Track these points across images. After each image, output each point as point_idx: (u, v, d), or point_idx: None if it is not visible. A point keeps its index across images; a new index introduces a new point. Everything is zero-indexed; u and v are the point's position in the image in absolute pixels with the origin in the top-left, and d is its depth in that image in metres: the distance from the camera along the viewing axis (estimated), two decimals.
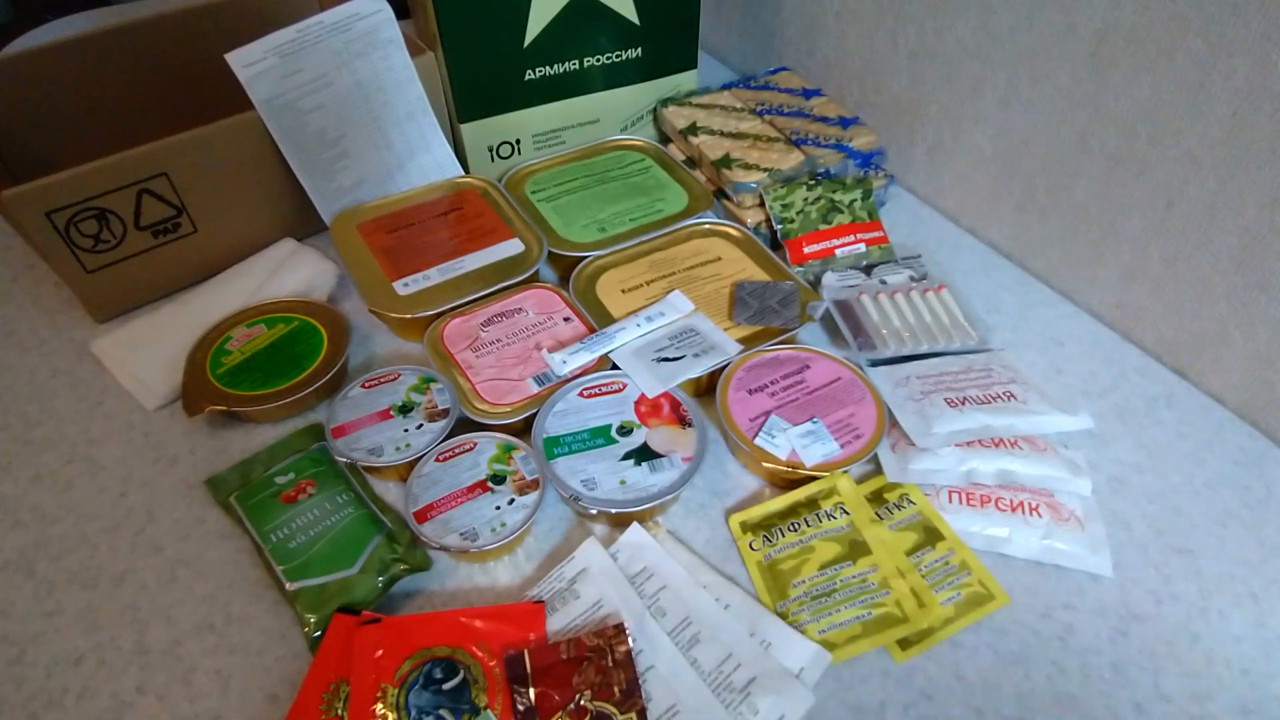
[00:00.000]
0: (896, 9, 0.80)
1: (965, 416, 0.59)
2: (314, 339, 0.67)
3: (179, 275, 0.74)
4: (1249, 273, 0.60)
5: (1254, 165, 0.57)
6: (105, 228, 0.67)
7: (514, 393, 0.62)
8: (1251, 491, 0.60)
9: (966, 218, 0.83)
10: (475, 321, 0.68)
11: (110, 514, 0.59)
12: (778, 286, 0.69)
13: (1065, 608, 0.53)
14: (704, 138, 0.82)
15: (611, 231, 0.76)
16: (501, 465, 0.57)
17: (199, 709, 0.49)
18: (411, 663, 0.48)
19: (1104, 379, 0.68)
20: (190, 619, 0.53)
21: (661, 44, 0.85)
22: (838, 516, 0.56)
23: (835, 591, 0.53)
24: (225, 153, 0.70)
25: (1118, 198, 0.67)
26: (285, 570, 0.53)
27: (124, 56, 0.80)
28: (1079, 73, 0.66)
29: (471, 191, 0.80)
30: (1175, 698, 0.49)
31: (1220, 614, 0.53)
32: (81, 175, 0.64)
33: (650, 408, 0.61)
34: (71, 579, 0.55)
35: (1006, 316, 0.73)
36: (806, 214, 0.76)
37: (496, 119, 0.82)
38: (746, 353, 0.64)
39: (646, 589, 0.53)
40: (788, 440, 0.58)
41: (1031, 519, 0.56)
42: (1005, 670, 0.50)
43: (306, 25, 0.69)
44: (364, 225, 0.75)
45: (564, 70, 0.82)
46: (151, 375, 0.66)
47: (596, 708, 0.47)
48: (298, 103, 0.71)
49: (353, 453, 0.58)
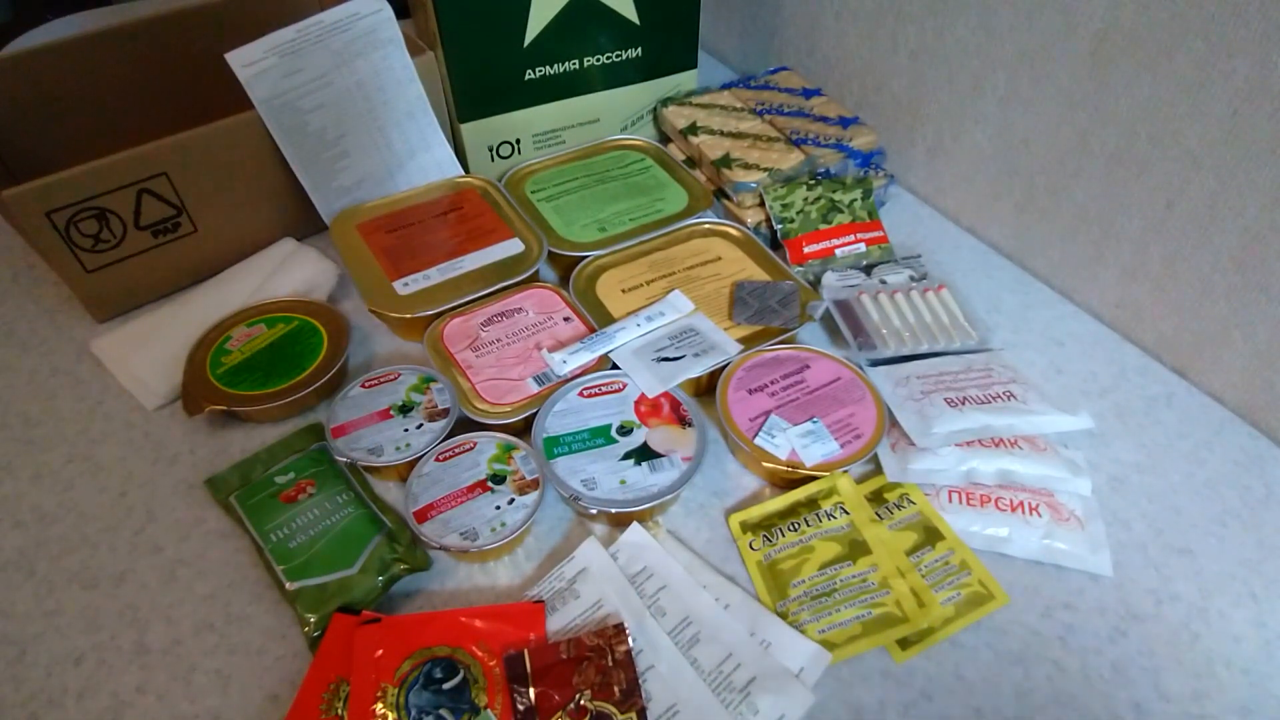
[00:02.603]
0: (896, 9, 0.80)
1: (965, 416, 0.59)
2: (314, 339, 0.67)
3: (179, 275, 0.75)
4: (1249, 273, 0.61)
5: (1254, 165, 0.57)
6: (105, 227, 0.67)
7: (514, 392, 0.62)
8: (1251, 491, 0.60)
9: (966, 218, 0.83)
10: (475, 321, 0.68)
11: (110, 514, 0.59)
12: (778, 286, 0.69)
13: (1065, 608, 0.53)
14: (704, 137, 0.82)
15: (611, 231, 0.76)
16: (501, 465, 0.57)
17: (199, 709, 0.49)
18: (411, 662, 0.48)
19: (1104, 379, 0.68)
20: (190, 619, 0.53)
21: (661, 44, 0.85)
22: (838, 516, 0.56)
23: (835, 591, 0.53)
24: (225, 153, 0.70)
25: (1118, 198, 0.67)
26: (285, 570, 0.53)
27: (124, 56, 0.80)
28: (1079, 73, 0.66)
29: (471, 191, 0.80)
30: (1175, 698, 0.49)
31: (1220, 614, 0.53)
32: (81, 175, 0.64)
33: (650, 407, 0.61)
34: (71, 579, 0.55)
35: (1006, 316, 0.73)
36: (806, 214, 0.76)
37: (496, 119, 0.82)
38: (746, 352, 0.64)
39: (646, 589, 0.53)
40: (788, 440, 0.58)
41: (1031, 519, 0.56)
42: (1005, 670, 0.50)
43: (306, 25, 0.69)
44: (364, 225, 0.75)
45: (564, 70, 0.82)
46: (151, 375, 0.66)
47: (596, 707, 0.47)
48: (298, 102, 0.71)
49: (353, 453, 0.58)
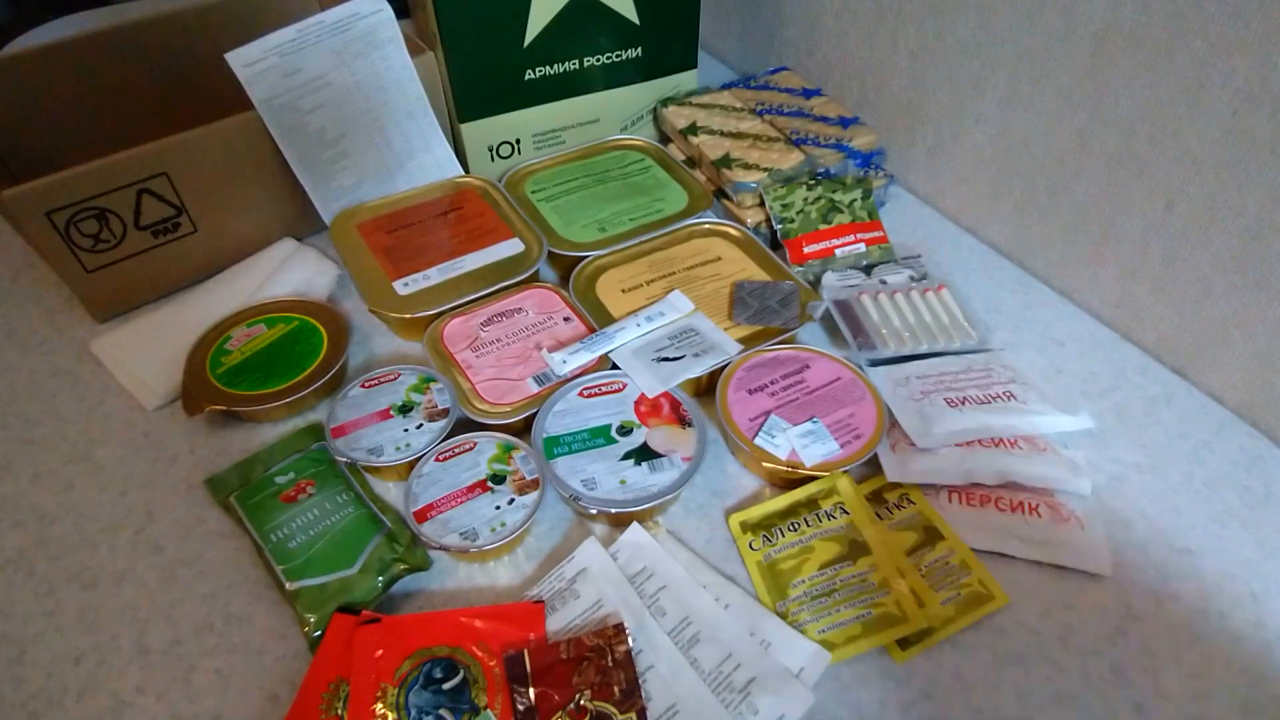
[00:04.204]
0: (896, 9, 0.80)
1: (965, 416, 0.59)
2: (314, 339, 0.67)
3: (179, 275, 0.75)
4: (1249, 273, 0.60)
5: (1254, 165, 0.57)
6: (105, 227, 0.67)
7: (514, 392, 0.62)
8: (1251, 491, 0.60)
9: (966, 218, 0.83)
10: (475, 321, 0.68)
11: (110, 514, 0.59)
12: (778, 286, 0.69)
13: (1065, 608, 0.53)
14: (704, 138, 0.82)
15: (611, 231, 0.76)
16: (501, 465, 0.57)
17: (199, 709, 0.49)
18: (411, 662, 0.48)
19: (1104, 379, 0.68)
20: (190, 619, 0.53)
21: (661, 43, 0.85)
22: (837, 516, 0.56)
23: (835, 591, 0.53)
24: (225, 153, 0.70)
25: (1117, 198, 0.67)
26: (285, 570, 0.53)
27: (124, 56, 0.80)
28: (1079, 73, 0.66)
29: (471, 191, 0.80)
30: (1175, 698, 0.49)
31: (1220, 614, 0.53)
32: (81, 175, 0.64)
33: (650, 407, 0.61)
34: (71, 579, 0.55)
35: (1006, 316, 0.73)
36: (806, 214, 0.76)
37: (496, 119, 0.82)
38: (746, 353, 0.64)
39: (646, 589, 0.53)
40: (788, 440, 0.58)
41: (1031, 519, 0.56)
42: (1005, 670, 0.50)
43: (306, 25, 0.69)
44: (364, 225, 0.75)
45: (564, 70, 0.82)
46: (151, 375, 0.66)
47: (596, 708, 0.47)
48: (297, 102, 0.71)
49: (353, 452, 0.58)
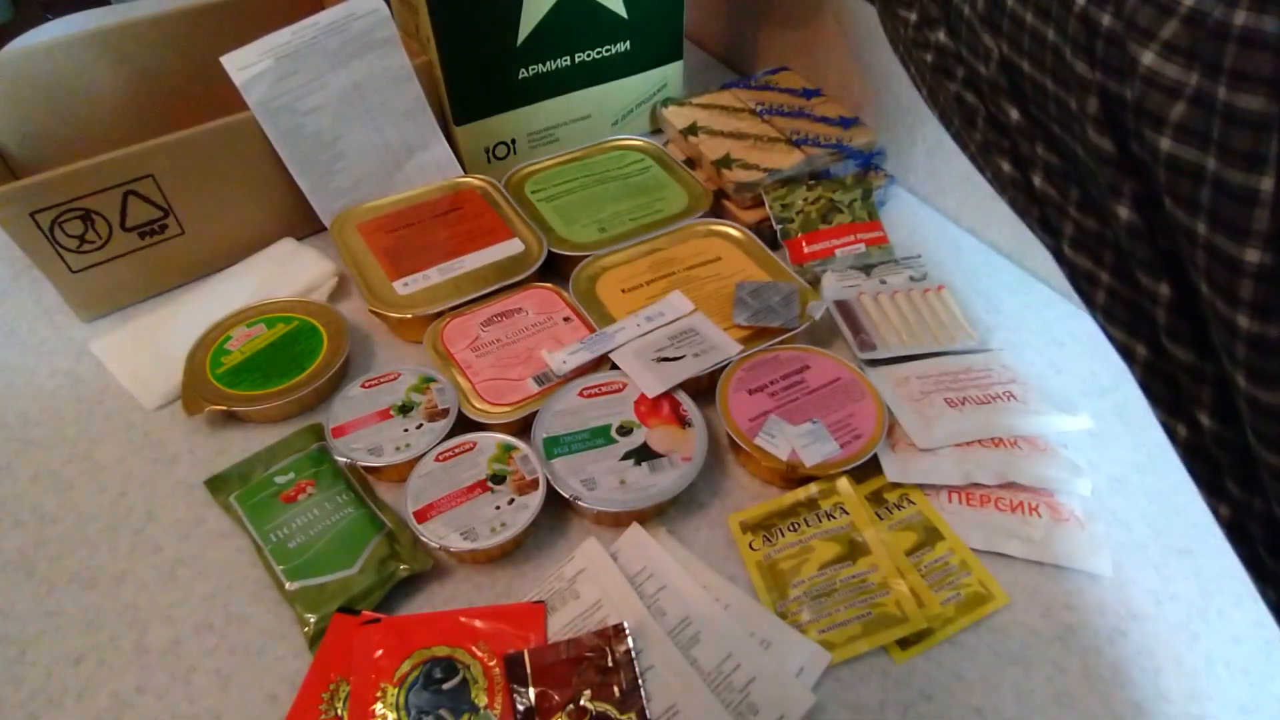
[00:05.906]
0: None
1: (965, 417, 0.59)
2: (314, 339, 0.67)
3: (167, 276, 0.74)
4: None
5: None
6: (90, 228, 0.67)
7: (514, 392, 0.62)
8: None
9: (966, 218, 0.83)
10: (475, 321, 0.68)
11: (110, 514, 0.59)
12: (778, 286, 0.69)
13: (1065, 608, 0.53)
14: (704, 138, 0.82)
15: (611, 231, 0.76)
16: (501, 465, 0.57)
17: (199, 709, 0.49)
18: (411, 663, 0.48)
19: (1104, 379, 0.68)
20: (190, 619, 0.53)
21: (648, 36, 0.85)
22: (837, 516, 0.56)
23: (835, 591, 0.53)
24: (214, 155, 0.70)
25: None
26: (285, 570, 0.53)
27: (123, 56, 0.80)
28: None
29: (471, 191, 0.80)
30: (1175, 698, 0.49)
31: (1220, 614, 0.53)
32: (66, 176, 0.64)
33: (650, 408, 0.61)
34: (71, 579, 0.55)
35: (1006, 316, 0.73)
36: (806, 214, 0.76)
37: (491, 120, 0.82)
38: (746, 353, 0.64)
39: (646, 589, 0.53)
40: (788, 440, 0.58)
41: (1031, 519, 0.56)
42: (1005, 670, 0.50)
43: (302, 27, 0.69)
44: (364, 225, 0.75)
45: (555, 67, 0.82)
46: (151, 375, 0.66)
47: (596, 708, 0.47)
48: (294, 104, 0.71)
49: (353, 453, 0.58)
